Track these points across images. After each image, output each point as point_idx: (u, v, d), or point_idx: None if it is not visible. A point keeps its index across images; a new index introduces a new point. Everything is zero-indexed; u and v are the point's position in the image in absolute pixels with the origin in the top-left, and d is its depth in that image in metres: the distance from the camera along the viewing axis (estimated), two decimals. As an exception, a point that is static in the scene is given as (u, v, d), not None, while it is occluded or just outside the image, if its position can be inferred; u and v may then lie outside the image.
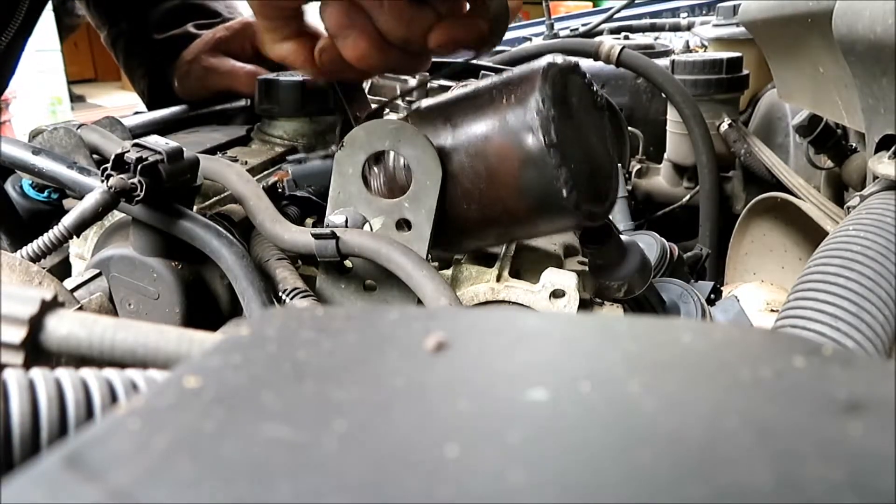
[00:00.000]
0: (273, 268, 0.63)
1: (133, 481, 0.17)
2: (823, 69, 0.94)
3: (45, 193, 0.85)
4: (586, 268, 0.66)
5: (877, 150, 0.72)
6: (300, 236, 0.61)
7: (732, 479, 0.17)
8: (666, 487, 0.17)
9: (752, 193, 1.40)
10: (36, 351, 0.32)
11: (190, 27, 1.11)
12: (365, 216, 0.65)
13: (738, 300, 0.76)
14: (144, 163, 0.56)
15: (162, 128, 0.99)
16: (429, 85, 1.17)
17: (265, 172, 0.84)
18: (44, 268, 0.57)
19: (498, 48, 1.87)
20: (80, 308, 0.56)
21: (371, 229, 0.65)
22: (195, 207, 0.68)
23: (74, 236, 0.60)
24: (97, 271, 0.65)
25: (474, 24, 0.61)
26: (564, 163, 0.53)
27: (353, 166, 0.65)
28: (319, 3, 0.63)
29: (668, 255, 0.83)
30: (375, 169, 0.61)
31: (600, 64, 1.50)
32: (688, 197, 1.52)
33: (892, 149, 0.68)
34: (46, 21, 5.37)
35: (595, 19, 2.27)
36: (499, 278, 0.67)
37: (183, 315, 0.63)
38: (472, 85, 0.63)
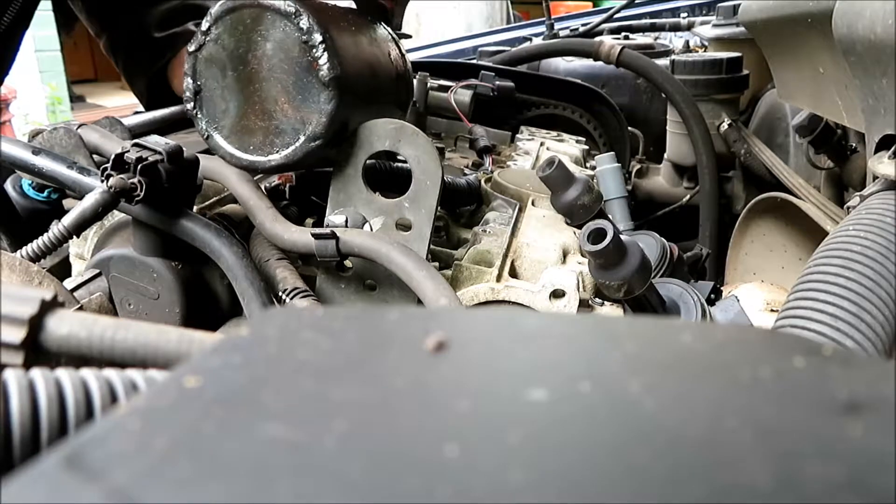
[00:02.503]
0: (273, 268, 0.63)
1: (133, 481, 0.17)
2: (823, 69, 0.94)
3: (45, 193, 0.85)
4: (586, 268, 0.66)
5: (877, 150, 0.72)
6: (300, 236, 0.61)
7: (732, 479, 0.17)
8: (666, 487, 0.17)
9: (752, 193, 1.40)
10: (36, 351, 0.32)
11: (190, 25, 1.11)
12: (365, 216, 0.65)
13: (738, 300, 0.76)
14: (144, 163, 0.56)
15: (162, 128, 0.99)
16: (428, 84, 1.17)
17: (265, 172, 0.84)
18: (44, 268, 0.57)
19: (498, 48, 1.87)
20: (80, 308, 0.56)
21: (371, 229, 0.65)
22: (195, 207, 0.68)
23: (74, 236, 0.60)
24: (97, 271, 0.65)
25: None
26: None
27: (353, 166, 0.65)
28: None
29: (668, 255, 0.83)
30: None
31: (600, 64, 1.50)
32: (688, 197, 1.52)
33: (892, 149, 0.68)
34: (47, 22, 5.38)
35: (595, 19, 2.27)
36: (499, 278, 0.67)
37: (183, 315, 0.63)
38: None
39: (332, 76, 0.62)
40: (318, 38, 0.62)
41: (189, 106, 0.66)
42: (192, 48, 0.66)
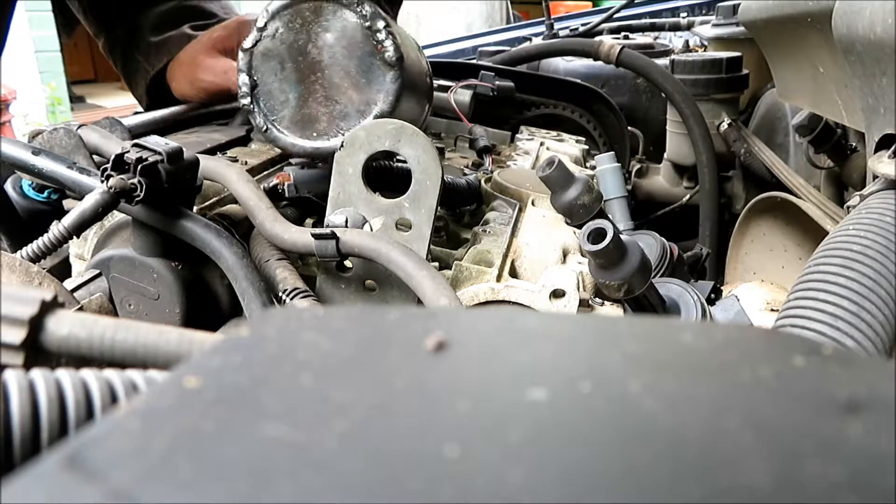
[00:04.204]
0: (273, 268, 0.63)
1: (133, 481, 0.17)
2: (823, 69, 0.94)
3: (45, 194, 0.85)
4: (586, 268, 0.66)
5: (877, 150, 0.72)
6: (300, 236, 0.61)
7: (732, 479, 0.17)
8: (666, 487, 0.17)
9: (752, 193, 1.40)
10: (36, 351, 0.32)
11: (186, 28, 1.10)
12: (365, 216, 0.65)
13: (738, 300, 0.76)
14: (144, 163, 0.56)
15: (162, 128, 0.99)
16: (428, 85, 1.17)
17: (265, 173, 0.84)
18: (44, 268, 0.57)
19: (498, 48, 1.87)
20: (80, 308, 0.56)
21: (371, 229, 0.65)
22: (195, 207, 0.68)
23: (74, 237, 0.60)
24: (97, 272, 0.65)
25: None
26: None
27: (353, 166, 0.65)
28: None
29: (668, 255, 0.83)
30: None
31: (600, 64, 1.50)
32: (688, 197, 1.52)
33: (892, 148, 0.68)
34: (47, 23, 5.38)
35: (595, 19, 2.27)
36: (499, 278, 0.67)
37: (183, 315, 0.63)
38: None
39: (397, 56, 0.67)
40: (381, 23, 0.67)
41: (245, 101, 0.69)
42: (247, 45, 0.69)
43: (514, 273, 0.70)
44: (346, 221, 0.64)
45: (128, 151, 0.57)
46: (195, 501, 0.17)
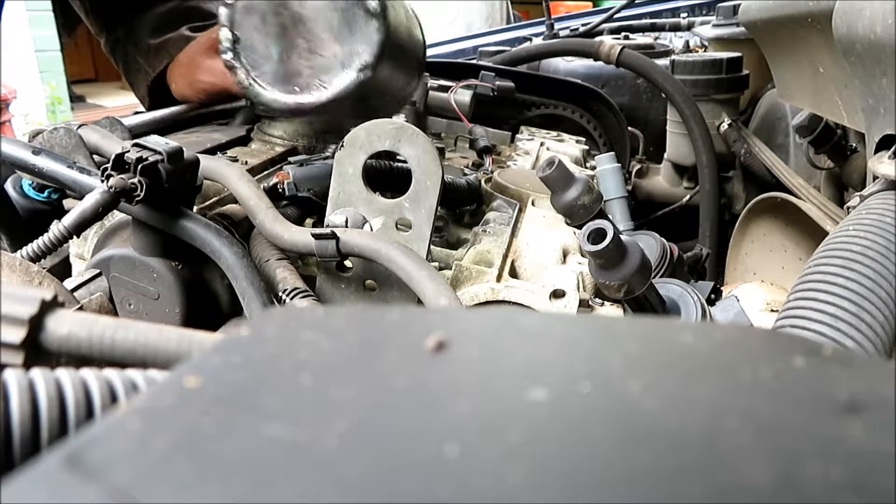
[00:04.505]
0: (273, 268, 0.63)
1: (133, 481, 0.17)
2: (823, 69, 0.94)
3: (45, 193, 0.85)
4: (586, 268, 0.66)
5: (877, 150, 0.72)
6: (300, 236, 0.61)
7: (732, 479, 0.17)
8: (666, 487, 0.17)
9: (752, 193, 1.40)
10: (36, 351, 0.32)
11: (184, 30, 1.10)
12: (365, 216, 0.65)
13: (738, 300, 0.76)
14: (144, 163, 0.56)
15: (162, 128, 0.99)
16: (428, 84, 1.17)
17: (265, 172, 0.84)
18: (44, 268, 0.57)
19: (498, 48, 1.87)
20: (80, 308, 0.56)
21: (371, 229, 0.65)
22: (195, 207, 0.68)
23: (74, 236, 0.60)
24: (97, 271, 0.65)
25: None
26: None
27: (353, 166, 0.65)
28: None
29: (668, 255, 0.83)
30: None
31: (600, 64, 1.50)
32: (688, 197, 1.52)
33: (892, 149, 0.68)
34: (47, 22, 5.38)
35: (595, 19, 2.27)
36: (499, 278, 0.67)
37: (183, 315, 0.63)
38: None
39: (380, 6, 0.66)
40: None
41: (228, 56, 0.68)
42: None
43: (514, 273, 0.70)
44: (346, 221, 0.64)
45: (128, 151, 0.57)
46: (195, 501, 0.17)
